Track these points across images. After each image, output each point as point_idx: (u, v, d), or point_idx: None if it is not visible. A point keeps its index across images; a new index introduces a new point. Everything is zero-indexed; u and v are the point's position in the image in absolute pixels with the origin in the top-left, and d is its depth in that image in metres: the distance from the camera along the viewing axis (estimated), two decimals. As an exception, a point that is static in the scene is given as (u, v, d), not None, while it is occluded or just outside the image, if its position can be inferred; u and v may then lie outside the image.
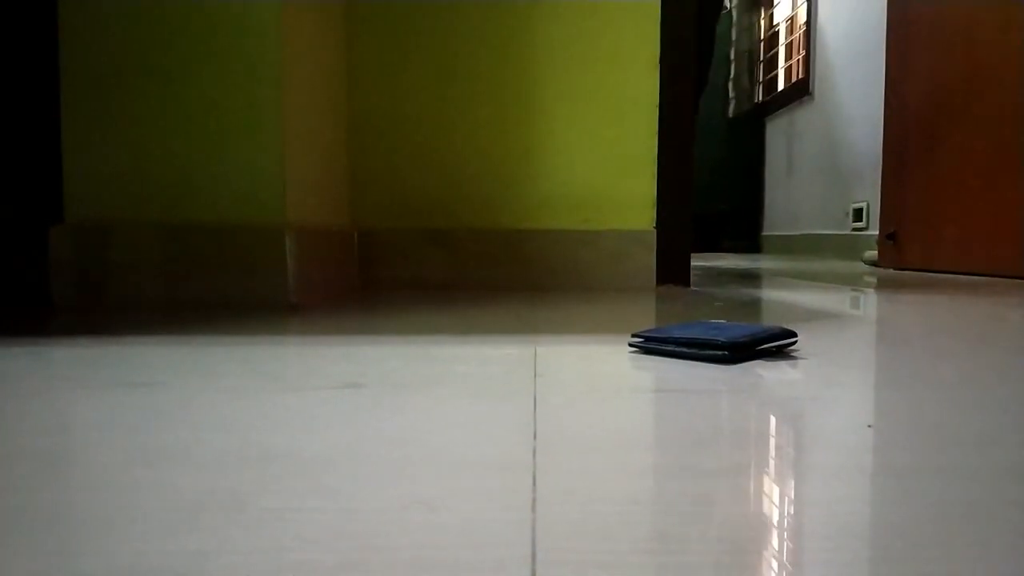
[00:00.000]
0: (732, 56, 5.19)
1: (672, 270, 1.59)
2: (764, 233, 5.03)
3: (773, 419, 0.49)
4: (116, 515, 0.31)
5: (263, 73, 1.12)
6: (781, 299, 1.34)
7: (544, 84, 1.55)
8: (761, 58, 5.10)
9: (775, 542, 0.29)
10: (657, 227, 1.55)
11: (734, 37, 5.16)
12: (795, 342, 0.74)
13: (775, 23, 4.94)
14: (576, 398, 0.54)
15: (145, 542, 0.28)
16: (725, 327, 0.75)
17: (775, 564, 0.27)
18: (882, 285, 1.75)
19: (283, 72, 1.13)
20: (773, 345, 0.72)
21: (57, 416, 0.48)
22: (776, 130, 4.79)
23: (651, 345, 0.72)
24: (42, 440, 0.43)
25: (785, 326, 0.77)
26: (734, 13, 5.17)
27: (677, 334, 0.71)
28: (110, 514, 0.31)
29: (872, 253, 2.71)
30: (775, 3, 4.94)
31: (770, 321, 0.99)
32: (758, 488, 0.36)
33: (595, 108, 1.55)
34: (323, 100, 1.37)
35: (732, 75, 5.19)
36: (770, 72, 5.00)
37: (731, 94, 5.19)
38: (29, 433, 0.44)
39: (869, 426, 0.46)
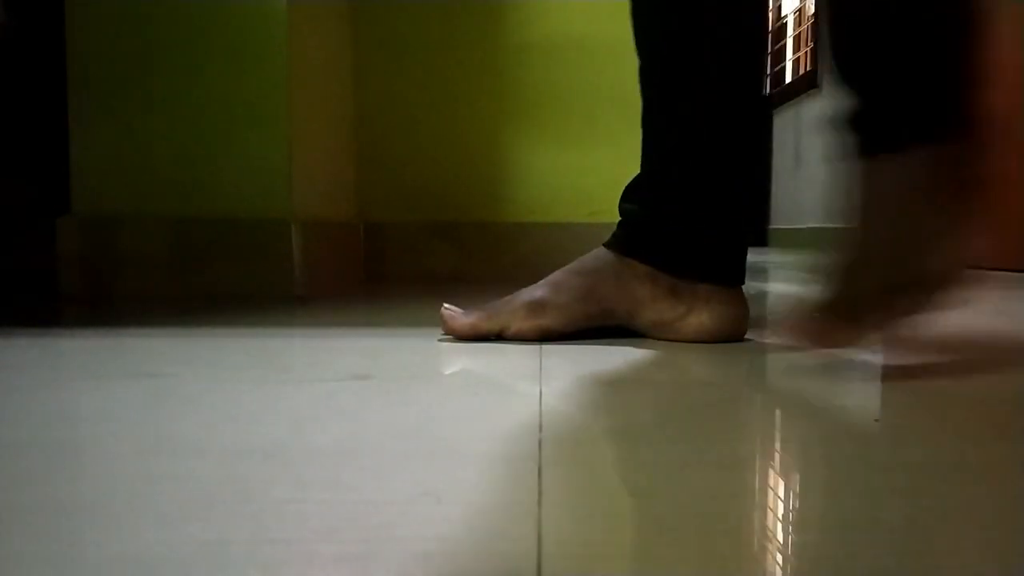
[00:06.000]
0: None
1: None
2: (770, 227, 5.00)
3: (780, 412, 0.49)
4: (124, 505, 0.31)
5: (270, 67, 1.12)
6: (789, 293, 1.33)
7: (551, 77, 1.54)
8: (769, 50, 5.07)
9: (780, 535, 0.29)
10: (663, 220, 1.54)
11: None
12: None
13: (783, 15, 4.91)
14: (582, 391, 0.54)
15: (153, 532, 0.29)
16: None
17: (780, 558, 0.27)
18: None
19: (290, 66, 1.13)
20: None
21: (65, 407, 0.49)
22: (784, 123, 4.76)
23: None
24: (50, 430, 0.43)
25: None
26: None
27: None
28: (118, 504, 0.31)
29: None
30: (783, -5, 4.91)
31: (776, 314, 0.99)
32: (764, 482, 0.36)
33: (602, 100, 1.54)
34: (329, 93, 1.37)
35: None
36: (778, 64, 4.97)
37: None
38: (37, 424, 0.44)
39: (876, 420, 0.46)
